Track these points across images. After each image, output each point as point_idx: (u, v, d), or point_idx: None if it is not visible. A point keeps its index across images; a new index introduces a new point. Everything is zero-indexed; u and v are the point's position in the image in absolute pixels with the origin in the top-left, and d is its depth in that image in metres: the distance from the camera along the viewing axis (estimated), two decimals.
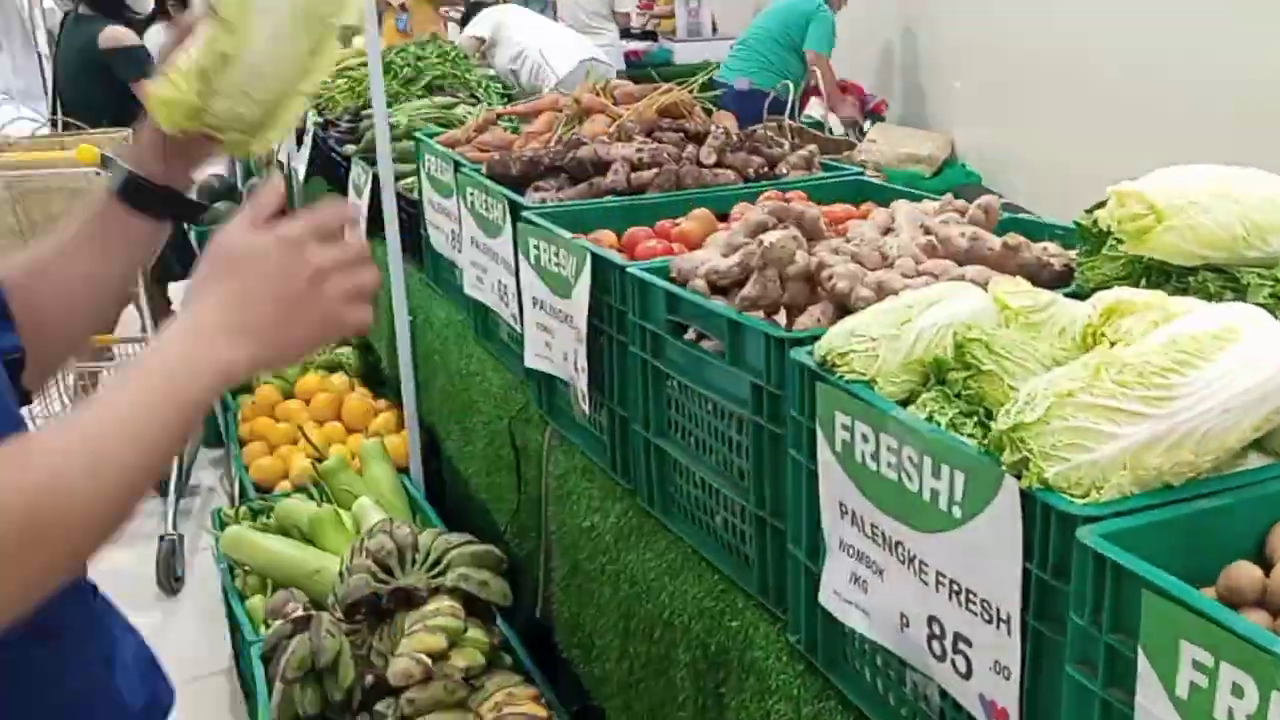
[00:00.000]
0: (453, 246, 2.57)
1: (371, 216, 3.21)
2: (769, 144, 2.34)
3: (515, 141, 2.62)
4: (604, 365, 1.78)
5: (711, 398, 1.50)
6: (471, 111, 3.63)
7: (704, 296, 1.51)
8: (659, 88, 2.66)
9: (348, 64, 4.67)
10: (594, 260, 1.73)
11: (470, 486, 2.53)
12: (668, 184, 2.17)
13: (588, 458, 1.91)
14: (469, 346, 2.49)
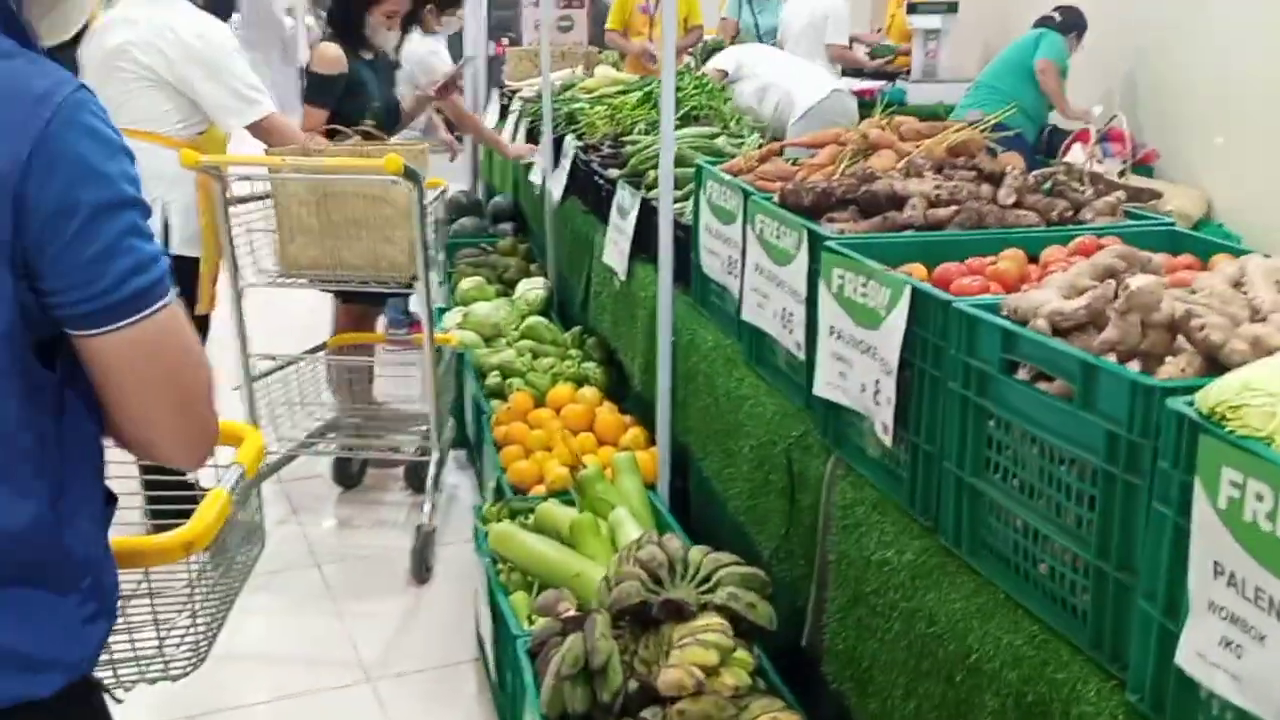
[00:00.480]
0: (728, 272, 2.58)
1: (635, 238, 3.29)
2: (1070, 189, 2.26)
3: (797, 172, 2.62)
4: (911, 399, 1.75)
5: (1047, 441, 1.45)
6: (733, 142, 3.67)
7: (1046, 336, 1.47)
8: (948, 125, 2.61)
9: (604, 92, 4.81)
10: (914, 294, 1.70)
11: (727, 508, 2.53)
12: (969, 222, 2.12)
13: (879, 491, 1.87)
14: (739, 370, 2.50)
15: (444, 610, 3.15)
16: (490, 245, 5.36)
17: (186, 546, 1.36)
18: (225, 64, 3.20)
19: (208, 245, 3.26)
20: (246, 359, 3.34)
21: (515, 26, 9.17)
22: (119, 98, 3.17)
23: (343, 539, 3.55)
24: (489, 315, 4.30)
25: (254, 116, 3.26)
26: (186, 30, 3.16)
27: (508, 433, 3.36)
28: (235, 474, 1.47)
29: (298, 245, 3.27)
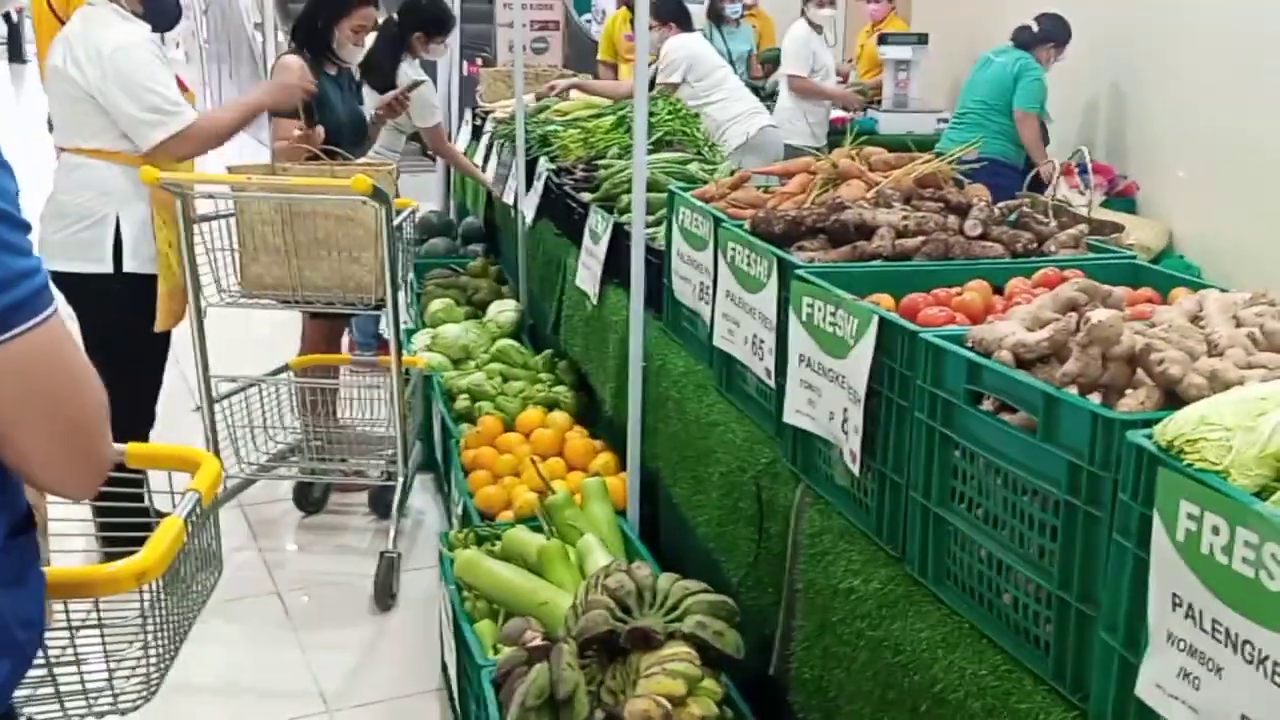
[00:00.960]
0: (699, 298, 2.61)
1: (607, 262, 3.31)
2: (1035, 220, 2.31)
3: (768, 200, 2.66)
4: (878, 428, 1.78)
5: (1010, 472, 1.48)
6: (705, 168, 3.71)
7: (1010, 368, 1.50)
8: (916, 157, 2.66)
9: (578, 115, 4.85)
10: (881, 323, 1.74)
11: (696, 535, 2.55)
12: (935, 253, 2.16)
13: (846, 520, 1.90)
14: (709, 397, 2.52)
15: (408, 639, 3.14)
16: (460, 267, 5.38)
17: (139, 576, 1.35)
18: (140, 78, 3.09)
19: (165, 263, 3.24)
20: (207, 380, 3.33)
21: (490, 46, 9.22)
22: (65, 114, 3.18)
23: (304, 565, 3.53)
24: (458, 337, 4.31)
25: (175, 128, 3.13)
26: (107, 43, 3.08)
27: (476, 457, 3.37)
28: (191, 501, 1.47)
29: (261, 265, 3.27)
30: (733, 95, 5.54)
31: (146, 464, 1.60)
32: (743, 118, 5.44)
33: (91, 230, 3.16)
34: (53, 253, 3.20)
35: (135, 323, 3.23)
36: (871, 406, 1.78)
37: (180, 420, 3.76)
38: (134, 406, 3.37)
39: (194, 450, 1.56)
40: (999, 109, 5.64)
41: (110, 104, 3.11)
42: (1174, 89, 5.33)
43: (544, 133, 4.55)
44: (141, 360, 3.33)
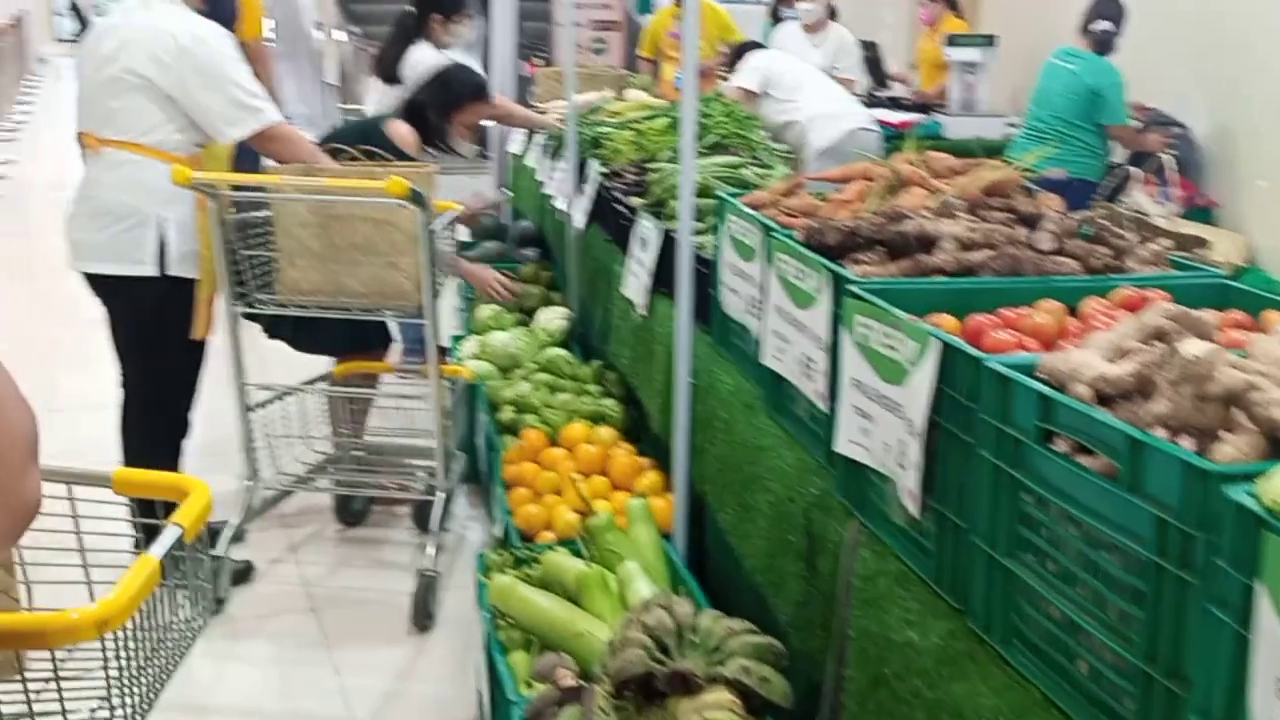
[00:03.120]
0: (750, 313, 2.47)
1: (656, 271, 3.18)
2: (1113, 234, 2.14)
3: (822, 208, 2.51)
4: (939, 464, 1.62)
5: (1088, 523, 1.32)
6: (760, 172, 3.56)
7: (1089, 405, 1.34)
8: (982, 163, 2.49)
9: (630, 116, 4.72)
10: (943, 349, 1.58)
11: (743, 566, 2.41)
12: (1003, 268, 2.00)
13: (903, 563, 1.74)
14: (759, 419, 2.38)
15: (444, 662, 3.04)
16: (513, 271, 5.28)
17: (99, 624, 1.24)
18: (225, 70, 3.08)
19: (207, 268, 3.17)
20: (242, 387, 3.26)
21: (548, 45, 9.13)
22: (113, 108, 3.09)
23: (342, 582, 3.44)
24: (506, 345, 4.21)
25: (257, 126, 3.13)
26: (185, 35, 3.05)
27: (518, 473, 3.26)
28: (170, 537, 1.36)
29: (299, 269, 3.18)
30: (819, 95, 5.33)
31: (133, 491, 1.50)
32: (829, 119, 5.19)
33: (134, 231, 3.10)
34: (92, 254, 3.15)
35: (175, 329, 3.17)
36: (931, 440, 1.63)
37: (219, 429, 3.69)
38: (170, 415, 3.31)
39: (184, 478, 1.45)
40: (1079, 124, 5.34)
41: (188, 96, 3.05)
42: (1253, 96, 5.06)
43: (595, 134, 4.43)
44: (181, 366, 3.26)
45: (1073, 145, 5.26)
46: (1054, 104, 5.41)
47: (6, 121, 12.66)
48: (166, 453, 3.30)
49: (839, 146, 5.02)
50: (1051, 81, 5.44)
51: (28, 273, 3.28)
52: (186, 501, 1.41)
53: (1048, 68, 5.49)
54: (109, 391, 3.34)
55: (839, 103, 5.42)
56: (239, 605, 3.26)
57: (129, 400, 3.29)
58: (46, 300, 3.22)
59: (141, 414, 3.27)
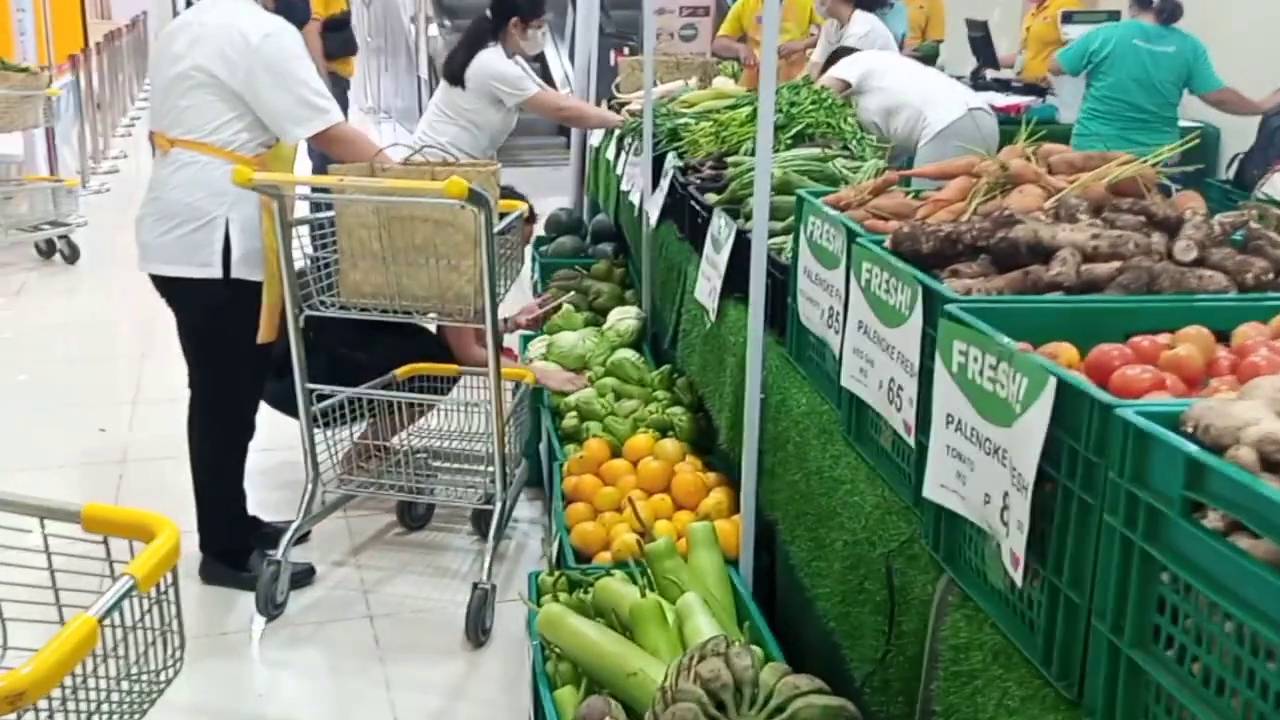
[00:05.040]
0: (828, 326, 2.18)
1: (728, 275, 2.90)
2: (1271, 242, 1.79)
3: (918, 209, 2.20)
4: (1052, 525, 1.32)
5: (1246, 623, 1.01)
6: (849, 166, 3.26)
7: (1252, 475, 1.03)
8: (1110, 157, 2.15)
9: (710, 106, 4.43)
10: (1060, 388, 1.28)
11: (813, 607, 2.12)
12: (1136, 284, 1.67)
13: (1003, 635, 1.45)
14: (836, 446, 2.09)
15: (496, 681, 2.83)
16: (585, 268, 5.04)
17: (12, 699, 1.02)
18: (293, 69, 2.95)
19: (271, 270, 3.00)
20: (305, 390, 3.08)
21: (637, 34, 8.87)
22: (182, 106, 2.96)
23: (400, 589, 3.24)
24: (574, 346, 3.97)
25: (321, 125, 2.99)
26: (254, 33, 2.91)
27: (577, 486, 3.01)
28: (119, 590, 1.13)
29: (361, 271, 2.98)
30: (928, 79, 4.96)
31: (102, 529, 1.29)
32: (946, 99, 4.80)
33: (200, 232, 2.96)
34: (158, 255, 3.03)
35: (240, 332, 3.03)
36: (1042, 494, 1.33)
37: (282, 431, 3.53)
38: (235, 416, 3.18)
39: (153, 518, 1.24)
40: (1174, 104, 5.09)
41: (255, 94, 2.92)
42: None
43: (674, 126, 4.15)
44: (244, 369, 3.12)
45: (1166, 130, 5.04)
46: (1161, 90, 5.12)
47: (125, 117, 12.91)
48: (230, 453, 3.20)
49: (958, 127, 4.61)
50: (1151, 67, 5.12)
51: (129, 263, 3.20)
52: (148, 546, 1.19)
53: (1134, 52, 5.15)
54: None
55: (950, 86, 5.03)
56: (297, 609, 3.11)
57: (195, 400, 3.20)
58: (144, 292, 3.13)
59: (206, 414, 3.18)
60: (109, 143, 10.92)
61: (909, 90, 4.78)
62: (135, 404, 4.63)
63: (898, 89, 4.77)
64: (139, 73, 14.86)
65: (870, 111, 4.77)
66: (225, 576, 3.19)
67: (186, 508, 3.19)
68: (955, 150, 4.61)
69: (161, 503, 3.43)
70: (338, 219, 2.97)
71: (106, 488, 3.82)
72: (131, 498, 3.73)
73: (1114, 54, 5.20)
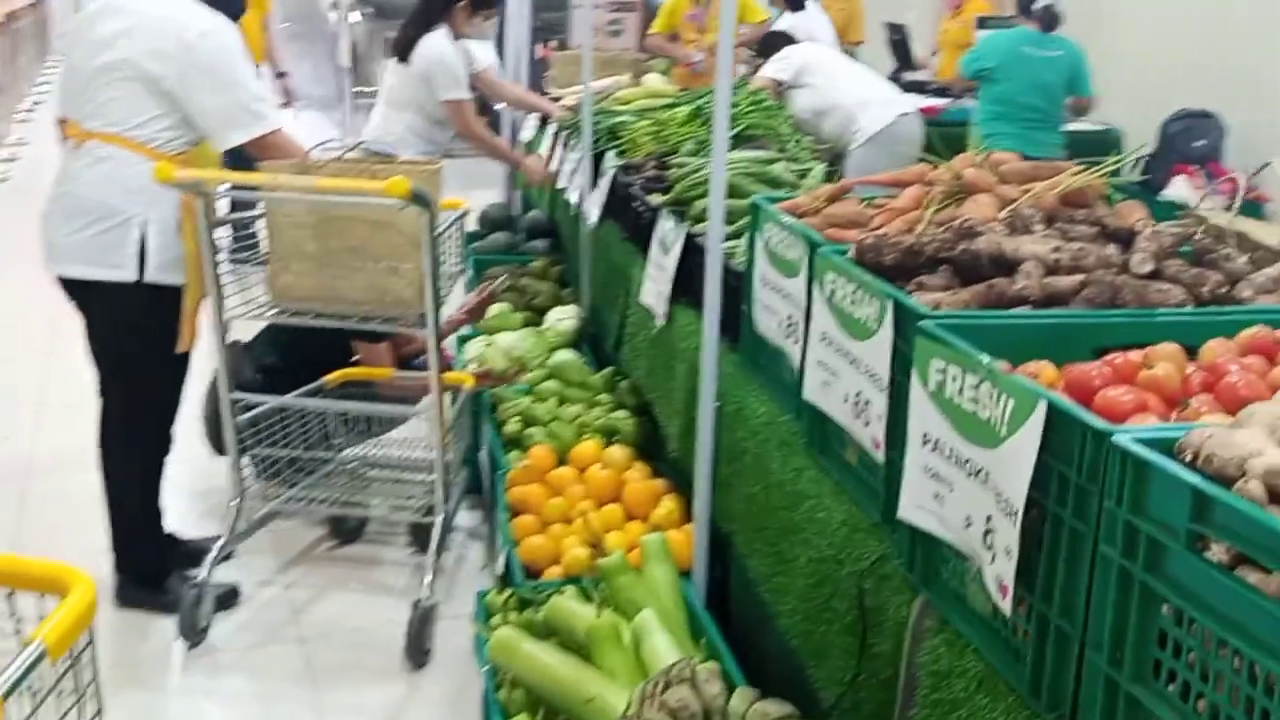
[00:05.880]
0: (787, 335, 2.14)
1: (677, 277, 2.85)
2: (1219, 254, 1.80)
3: (874, 217, 2.17)
4: (1039, 552, 1.29)
5: (1256, 660, 0.99)
6: (791, 169, 3.22)
7: (1262, 508, 1.01)
8: (1056, 167, 2.15)
9: (647, 104, 4.38)
10: (1053, 414, 1.25)
11: (774, 623, 2.08)
12: (1101, 299, 1.66)
13: (986, 662, 1.42)
14: (797, 458, 2.05)
15: (440, 704, 2.72)
16: (521, 265, 4.94)
17: None
18: (232, 71, 2.79)
19: (193, 274, 2.85)
20: (229, 400, 2.94)
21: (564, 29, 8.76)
22: (104, 99, 2.76)
23: (332, 608, 3.11)
24: (513, 347, 3.88)
25: (259, 131, 2.83)
26: (192, 30, 2.74)
27: (523, 497, 2.93)
28: (28, 659, 1.03)
29: (293, 274, 2.86)
30: (861, 83, 4.98)
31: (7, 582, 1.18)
32: (878, 103, 4.82)
33: (114, 233, 2.78)
34: (66, 256, 2.84)
35: (156, 338, 2.85)
36: (1031, 520, 1.30)
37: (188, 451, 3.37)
38: (152, 430, 3.00)
39: (66, 570, 1.13)
40: (1060, 104, 5.39)
41: (189, 95, 2.76)
42: None
43: (613, 124, 4.08)
44: (162, 380, 2.95)
45: (1056, 129, 5.35)
46: (1051, 94, 5.36)
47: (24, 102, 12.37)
48: (146, 470, 3.01)
49: (889, 132, 4.65)
50: (1041, 72, 5.36)
51: (32, 257, 2.99)
52: (61, 606, 1.08)
53: (1023, 59, 5.39)
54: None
55: (883, 89, 5.06)
56: (221, 634, 2.95)
57: (108, 412, 2.99)
58: (49, 287, 2.93)
59: (121, 428, 2.97)
60: (9, 128, 10.45)
61: (842, 92, 4.80)
62: (40, 409, 4.39)
63: (831, 89, 4.78)
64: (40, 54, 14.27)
65: (802, 109, 4.76)
66: (142, 600, 3.00)
67: (97, 525, 3.01)
68: (887, 154, 4.66)
69: (70, 520, 3.24)
70: (267, 219, 2.84)
71: (7, 505, 3.58)
72: (35, 515, 3.51)
73: (1006, 60, 5.42)
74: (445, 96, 4.34)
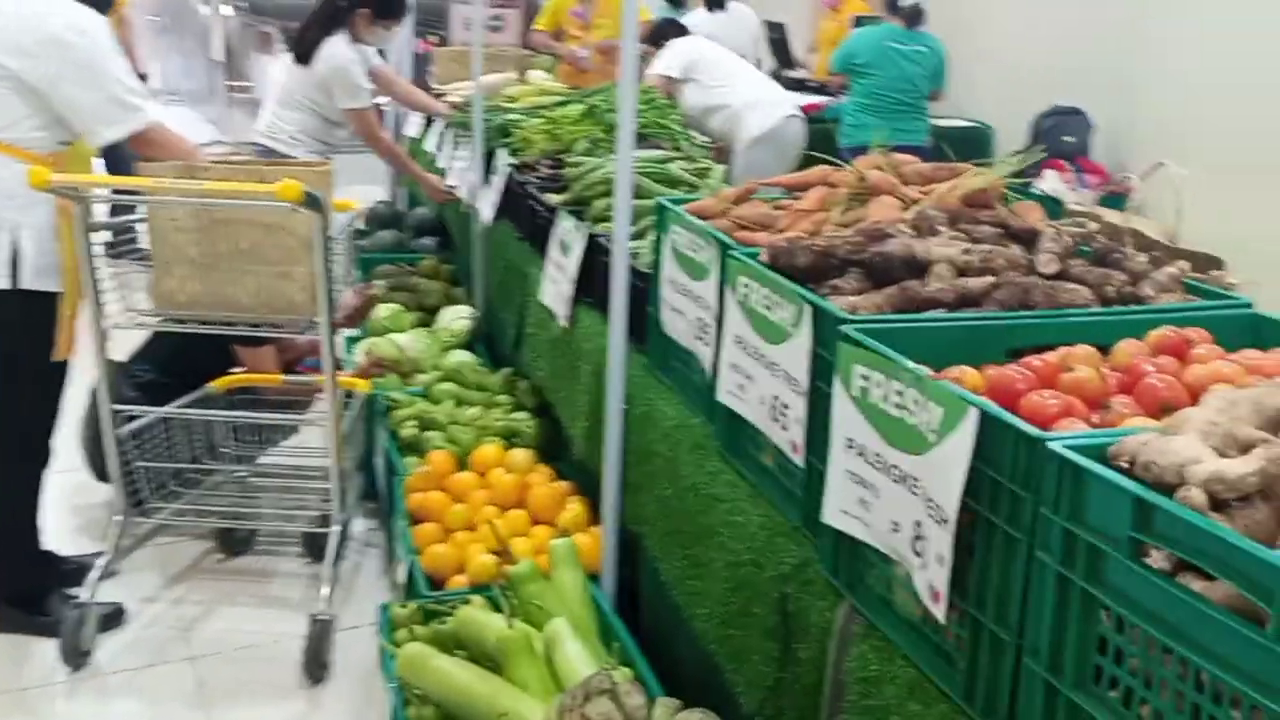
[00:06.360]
0: (698, 338, 2.09)
1: (579, 278, 2.78)
2: (1122, 254, 1.82)
3: (780, 219, 2.14)
4: (971, 558, 1.27)
5: (1207, 669, 0.98)
6: (686, 168, 3.18)
7: (1200, 513, 1.00)
8: (956, 168, 2.15)
9: (538, 102, 4.29)
10: (984, 421, 1.23)
11: (689, 627, 2.04)
12: (1012, 300, 1.65)
13: (917, 668, 1.39)
14: (711, 461, 2.00)
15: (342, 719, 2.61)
16: (410, 264, 4.79)
17: None
18: (103, 64, 2.61)
19: (69, 280, 2.66)
20: (109, 411, 2.75)
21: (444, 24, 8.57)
22: None
23: (223, 624, 2.95)
24: (406, 349, 3.75)
25: (135, 126, 2.66)
26: (60, 23, 2.55)
27: (424, 504, 2.82)
28: None
29: (176, 279, 2.69)
30: (749, 83, 4.97)
31: None
32: (764, 105, 4.84)
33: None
34: None
35: (32, 347, 2.66)
36: (961, 525, 1.27)
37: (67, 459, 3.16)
38: (29, 443, 2.80)
39: None
40: (926, 97, 5.63)
41: (59, 91, 2.57)
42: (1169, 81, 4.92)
43: (503, 122, 3.98)
44: (37, 389, 2.75)
45: (922, 118, 5.58)
46: (915, 86, 5.56)
47: None
48: (24, 484, 2.81)
49: (775, 132, 4.68)
50: (906, 66, 5.55)
51: None
52: None
53: (889, 54, 5.58)
54: None
55: (771, 89, 5.08)
56: (107, 656, 2.76)
57: None
58: None
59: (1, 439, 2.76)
60: None
61: (730, 91, 4.81)
62: None
63: (719, 88, 4.78)
64: None
65: (689, 105, 4.75)
66: (20, 623, 2.80)
67: None
68: (774, 155, 4.70)
69: None
70: (150, 223, 2.67)
71: None
72: None
73: (873, 56, 5.58)
74: (347, 106, 4.17)
